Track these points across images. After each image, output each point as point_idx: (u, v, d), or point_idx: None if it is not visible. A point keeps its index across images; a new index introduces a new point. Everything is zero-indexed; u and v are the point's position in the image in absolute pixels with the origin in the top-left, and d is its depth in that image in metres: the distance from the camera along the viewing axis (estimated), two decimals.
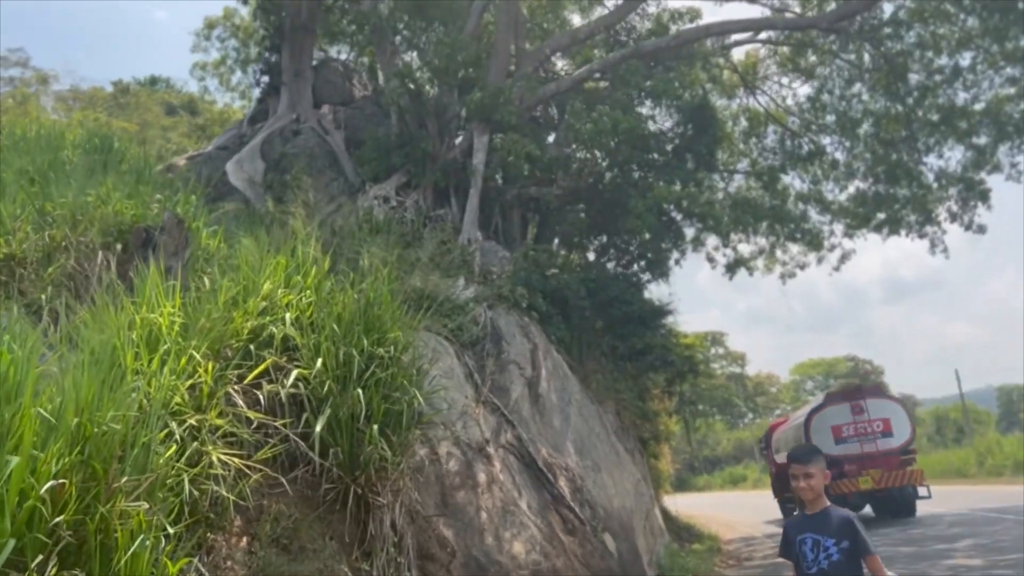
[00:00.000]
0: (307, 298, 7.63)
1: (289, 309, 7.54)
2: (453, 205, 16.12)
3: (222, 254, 9.59)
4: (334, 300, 7.85)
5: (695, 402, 35.75)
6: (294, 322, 7.47)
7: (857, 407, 19.22)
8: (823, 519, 4.33)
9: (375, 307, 7.83)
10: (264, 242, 8.35)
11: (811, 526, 4.36)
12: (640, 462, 21.51)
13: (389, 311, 7.87)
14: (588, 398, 14.72)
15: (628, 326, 16.82)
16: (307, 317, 7.57)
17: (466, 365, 11.33)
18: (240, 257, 8.13)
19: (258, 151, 17.36)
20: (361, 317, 7.72)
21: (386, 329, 7.71)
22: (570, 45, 18.84)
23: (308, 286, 7.86)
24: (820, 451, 4.63)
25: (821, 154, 21.79)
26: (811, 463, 4.42)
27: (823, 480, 4.39)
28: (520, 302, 13.58)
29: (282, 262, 7.98)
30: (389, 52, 16.53)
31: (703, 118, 18.15)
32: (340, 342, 7.37)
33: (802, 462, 4.44)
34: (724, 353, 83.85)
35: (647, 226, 15.98)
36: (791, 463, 4.42)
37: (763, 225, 20.36)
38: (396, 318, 7.96)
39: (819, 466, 4.41)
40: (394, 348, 7.59)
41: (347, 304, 7.76)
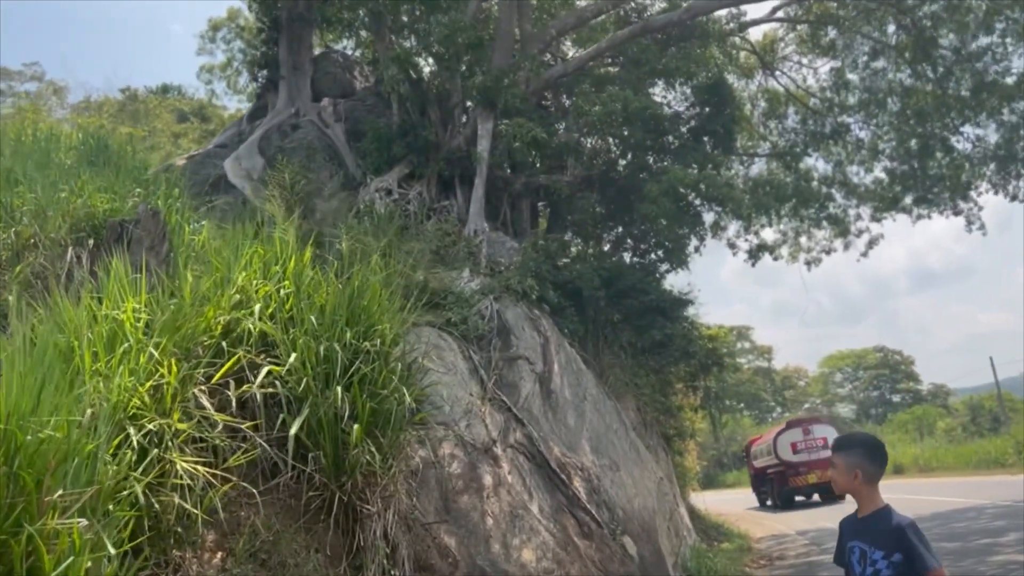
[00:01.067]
0: (286, 289, 7.04)
1: (267, 301, 6.97)
2: (458, 195, 15.53)
3: (206, 248, 9.05)
4: (317, 291, 7.27)
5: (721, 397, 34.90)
6: (271, 315, 6.91)
7: (807, 430, 29.17)
8: (872, 526, 3.52)
9: (361, 297, 7.23)
10: (240, 232, 7.78)
11: (859, 533, 3.58)
12: (664, 459, 20.81)
13: (377, 301, 7.26)
14: (605, 393, 14.05)
15: (646, 317, 16.12)
16: (286, 310, 7.00)
17: (471, 360, 10.72)
18: (211, 248, 7.59)
19: (256, 147, 16.88)
20: (345, 308, 7.14)
21: (373, 321, 7.12)
22: (577, 25, 18.15)
23: (287, 276, 7.27)
24: (859, 443, 3.68)
25: (845, 132, 20.95)
26: (838, 452, 3.69)
27: (854, 478, 3.57)
28: (529, 294, 12.95)
29: (259, 251, 7.42)
30: (388, 39, 15.97)
31: (719, 97, 17.40)
32: (321, 336, 6.80)
33: (833, 449, 3.75)
34: (750, 347, 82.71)
35: (663, 211, 15.28)
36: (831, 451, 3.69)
37: (786, 208, 19.56)
38: (385, 309, 7.35)
39: (847, 458, 3.60)
40: (381, 341, 6.99)
41: (330, 295, 7.18)
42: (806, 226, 25.14)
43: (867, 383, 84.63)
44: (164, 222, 8.63)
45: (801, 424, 29.51)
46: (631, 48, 17.01)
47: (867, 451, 3.60)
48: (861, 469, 3.55)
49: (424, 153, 15.58)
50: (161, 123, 47.03)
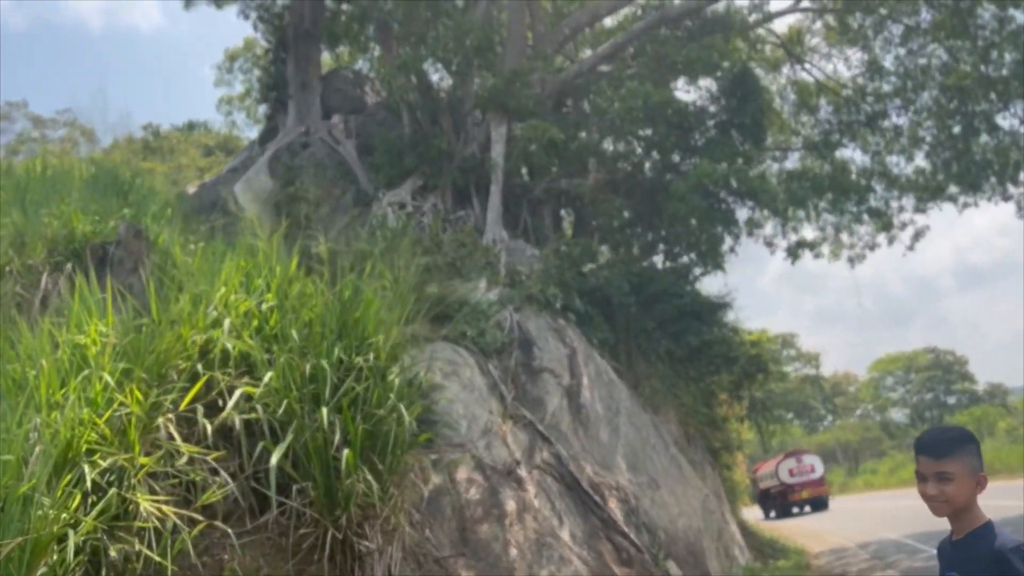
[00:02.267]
0: (268, 303, 6.39)
1: (247, 317, 6.32)
2: (475, 205, 14.88)
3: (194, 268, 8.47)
4: (305, 304, 6.61)
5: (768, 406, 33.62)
6: (256, 332, 6.26)
7: (799, 459, 36.66)
8: (966, 551, 2.58)
9: (352, 309, 6.55)
10: (223, 247, 7.18)
11: (953, 560, 2.63)
12: (711, 475, 19.80)
13: (371, 313, 6.57)
14: (640, 406, 13.19)
15: (681, 323, 15.24)
16: (270, 326, 6.34)
17: (490, 375, 9.98)
18: (189, 264, 6.98)
19: (265, 168, 16.42)
20: (335, 322, 6.46)
21: (367, 334, 6.42)
22: (591, 22, 17.50)
23: (273, 289, 6.62)
24: (968, 438, 2.65)
25: (881, 117, 19.89)
26: (948, 457, 2.59)
27: (976, 485, 2.59)
28: (553, 303, 12.20)
29: (242, 264, 6.78)
30: (395, 50, 15.44)
31: (745, 88, 16.55)
32: (308, 352, 6.12)
33: (933, 455, 2.62)
34: (796, 355, 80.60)
35: (692, 209, 14.46)
36: (918, 455, 2.60)
37: (824, 201, 18.53)
38: (381, 321, 6.65)
39: (966, 462, 2.58)
40: (376, 356, 6.29)
41: (317, 308, 6.51)
42: (847, 221, 23.99)
43: (920, 386, 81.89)
44: (147, 242, 8.08)
45: (795, 455, 37.49)
46: (649, 44, 16.28)
47: (978, 447, 2.63)
48: (977, 480, 2.58)
49: (437, 163, 14.98)
50: (187, 159, 47.32)
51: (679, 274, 15.79)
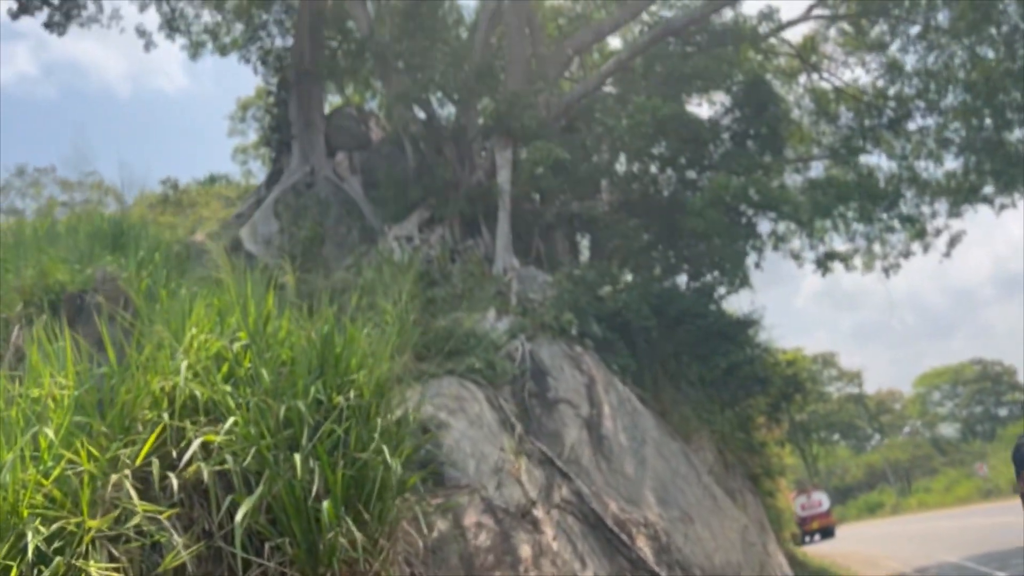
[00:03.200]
0: (241, 342, 5.91)
1: (218, 360, 5.85)
2: (484, 234, 14.42)
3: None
4: (282, 342, 6.13)
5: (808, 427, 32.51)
6: (226, 375, 5.78)
7: (809, 495, 41.17)
8: None
9: (332, 345, 6.05)
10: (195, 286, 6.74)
11: None
12: (753, 503, 18.87)
13: (353, 347, 6.06)
14: (669, 435, 12.50)
15: (707, 344, 14.55)
16: (244, 368, 5.86)
17: (500, 410, 9.40)
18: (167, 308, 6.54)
19: (271, 210, 16.16)
20: (315, 359, 5.97)
21: (349, 370, 5.92)
22: (595, 41, 17.14)
23: (250, 327, 6.15)
24: None
25: (906, 118, 19.18)
26: None
27: None
28: (568, 329, 11.64)
29: (215, 302, 6.33)
30: (395, 81, 15.19)
31: (759, 96, 16.03)
32: (284, 393, 5.62)
33: None
34: (838, 374, 78.76)
35: (711, 224, 13.87)
36: (1020, 469, 2.11)
37: (851, 209, 17.79)
38: (366, 355, 6.14)
39: None
40: (359, 394, 5.77)
41: (297, 345, 6.02)
42: (877, 230, 23.21)
43: (968, 399, 79.45)
44: (124, 288, 7.69)
45: (805, 492, 41.63)
46: (656, 58, 15.86)
47: None
48: None
49: (443, 194, 14.59)
50: (208, 211, 47.64)
51: (702, 293, 15.14)
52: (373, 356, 6.12)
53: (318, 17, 18.13)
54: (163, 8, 19.45)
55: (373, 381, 5.92)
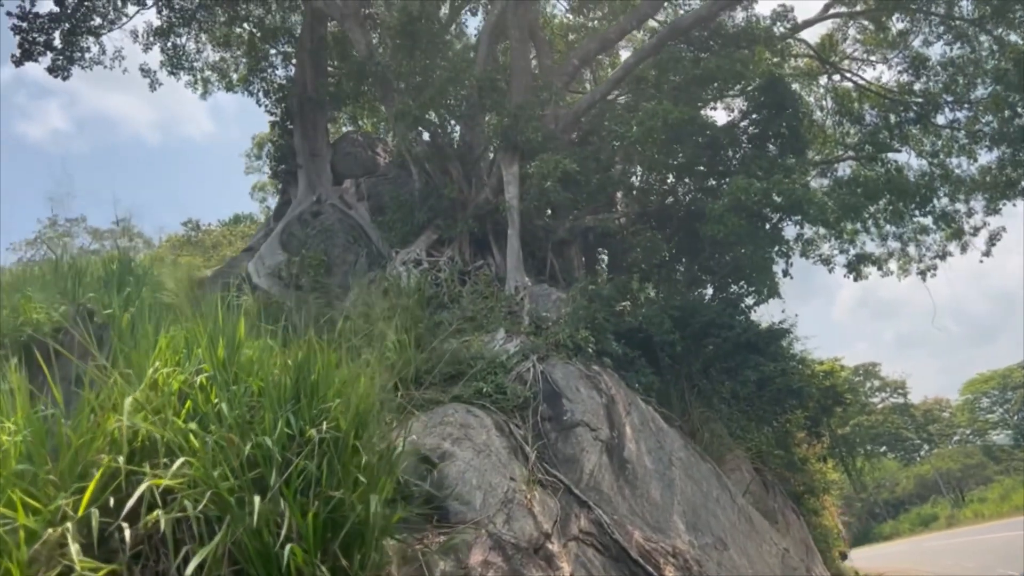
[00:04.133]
0: (206, 373, 5.43)
1: (182, 396, 5.37)
2: (494, 253, 13.93)
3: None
4: (254, 372, 5.63)
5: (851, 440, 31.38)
6: (190, 411, 5.29)
7: None
8: None
9: (308, 373, 5.54)
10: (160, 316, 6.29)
11: None
12: (796, 523, 17.96)
13: (330, 374, 5.54)
14: (698, 455, 11.79)
15: (735, 357, 13.84)
16: (212, 402, 5.37)
17: (511, 437, 8.81)
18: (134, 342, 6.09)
19: (277, 242, 15.82)
20: (289, 389, 5.46)
21: (325, 399, 5.40)
22: (601, 50, 16.66)
23: (218, 358, 5.66)
24: None
25: (934, 110, 18.39)
26: None
27: None
28: (584, 347, 11.02)
29: (180, 334, 5.86)
30: (397, 102, 14.82)
31: (776, 95, 15.39)
32: (254, 427, 5.12)
33: None
34: (880, 384, 76.73)
35: (732, 230, 13.22)
36: None
37: (881, 208, 17.04)
38: (345, 382, 5.61)
39: None
40: (335, 427, 5.24)
41: (268, 374, 5.52)
42: (911, 231, 22.35)
43: (1019, 404, 76.75)
44: (98, 325, 7.27)
45: None
46: (666, 63, 15.33)
47: None
48: None
49: (450, 214, 14.14)
50: (232, 250, 47.77)
51: (727, 304, 14.42)
52: (352, 383, 5.58)
53: (319, 44, 17.94)
54: (164, 45, 19.35)
55: (351, 411, 5.38)
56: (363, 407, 5.55)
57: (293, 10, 20.20)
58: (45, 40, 18.95)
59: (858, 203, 14.92)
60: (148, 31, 19.59)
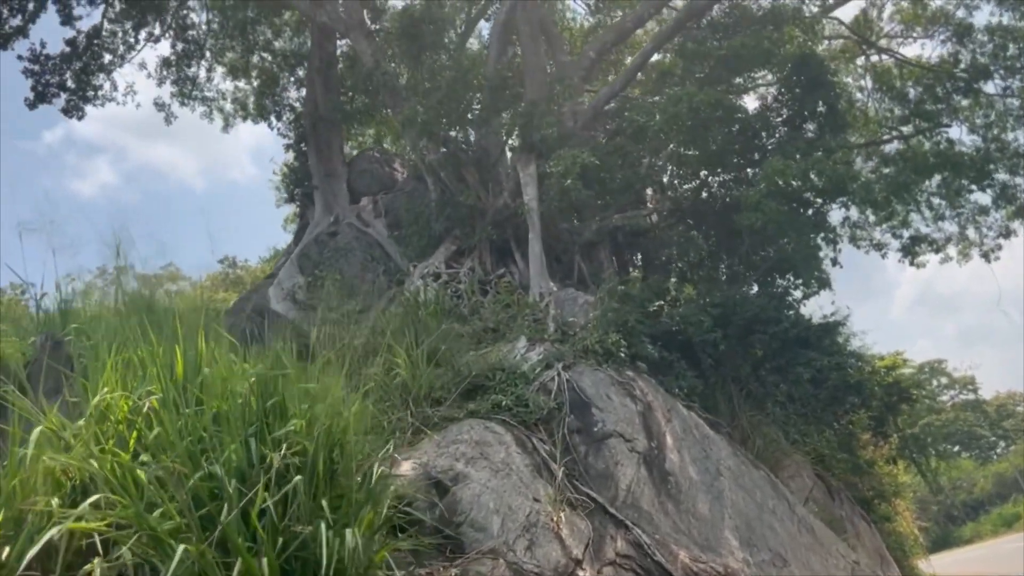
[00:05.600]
0: (155, 395, 4.77)
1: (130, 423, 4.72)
2: (517, 260, 13.22)
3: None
4: (216, 393, 4.96)
5: (922, 438, 29.62)
6: (138, 442, 4.64)
7: None
8: None
9: (272, 390, 4.85)
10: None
11: None
12: (868, 531, 16.72)
13: (296, 390, 4.85)
14: (749, 463, 10.83)
15: (785, 353, 12.85)
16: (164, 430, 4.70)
17: (534, 453, 8.02)
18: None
19: (296, 265, 15.35)
20: (253, 410, 4.78)
21: (288, 418, 4.70)
22: (618, 42, 15.89)
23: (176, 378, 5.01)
24: None
25: (983, 78, 17.16)
26: None
27: None
28: (615, 352, 10.19)
29: (133, 358, 5.22)
30: (404, 110, 14.24)
31: (809, 72, 14.44)
32: (208, 454, 4.44)
33: None
34: (948, 382, 73.67)
35: (771, 217, 12.31)
36: None
37: (934, 184, 15.85)
38: (315, 399, 4.91)
39: None
40: (299, 452, 4.53)
41: (232, 395, 4.85)
42: (968, 211, 20.99)
43: None
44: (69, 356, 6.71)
45: None
46: (687, 48, 14.52)
47: None
48: None
49: (469, 223, 13.49)
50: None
51: (772, 298, 13.42)
52: (323, 401, 4.87)
53: (329, 62, 17.54)
54: (174, 76, 19.19)
55: (321, 433, 4.67)
56: (337, 427, 4.83)
57: (301, 31, 19.89)
58: (58, 81, 18.94)
59: (908, 180, 13.87)
60: (159, 64, 19.48)
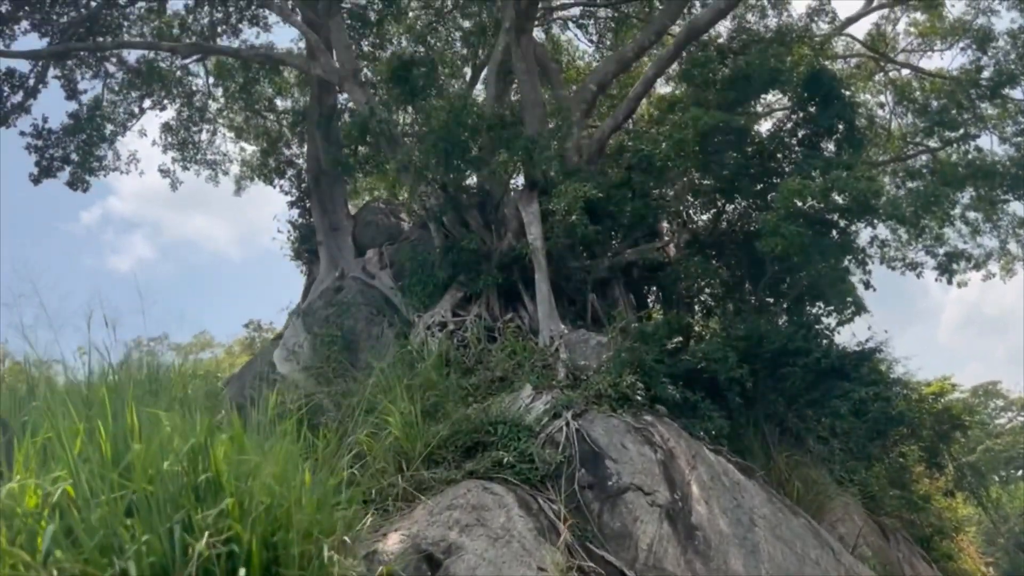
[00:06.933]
0: (63, 481, 4.17)
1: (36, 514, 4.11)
2: (526, 303, 12.57)
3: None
4: (141, 472, 4.35)
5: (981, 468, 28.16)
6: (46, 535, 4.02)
7: None
8: None
9: (209, 466, 4.23)
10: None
11: None
12: (928, 572, 15.56)
13: (227, 464, 4.22)
14: (788, 509, 9.92)
15: (820, 386, 11.97)
16: (77, 518, 4.09)
17: (539, 516, 7.26)
18: None
19: (300, 327, 14.83)
20: (189, 488, 4.16)
21: (222, 497, 4.06)
22: (619, 72, 15.40)
23: (103, 457, 4.41)
24: None
25: (1008, 83, 16.37)
26: None
27: None
28: (630, 396, 9.45)
29: (55, 433, 4.64)
30: (400, 155, 13.85)
31: (822, 88, 13.79)
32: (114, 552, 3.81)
33: None
34: (1005, 404, 70.92)
35: (791, 242, 11.56)
36: None
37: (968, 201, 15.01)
38: (253, 471, 4.27)
39: None
40: (232, 537, 3.88)
41: (164, 474, 4.24)
42: (1008, 224, 19.99)
43: None
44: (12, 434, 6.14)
45: None
46: (691, 73, 14.02)
47: None
48: None
49: (473, 268, 12.92)
50: None
51: (800, 327, 12.59)
52: (263, 475, 4.23)
53: (328, 115, 17.27)
54: (170, 140, 19.10)
55: (258, 514, 4.02)
56: (280, 506, 4.18)
57: (303, 88, 19.79)
58: (62, 155, 18.93)
59: (938, 193, 13.06)
60: (162, 130, 19.43)
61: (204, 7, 19.74)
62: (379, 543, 6.44)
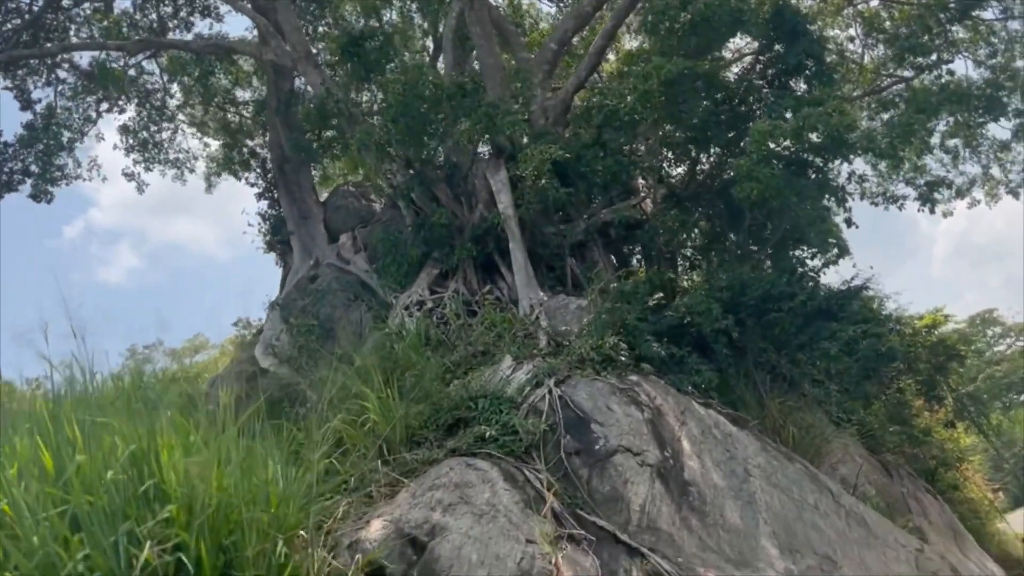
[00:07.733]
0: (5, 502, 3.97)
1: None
2: (504, 274, 12.34)
3: None
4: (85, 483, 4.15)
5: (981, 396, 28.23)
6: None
7: None
8: None
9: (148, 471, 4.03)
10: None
11: None
12: (935, 504, 15.53)
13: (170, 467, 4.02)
14: (783, 456, 9.79)
15: (807, 329, 11.78)
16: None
17: (525, 487, 7.11)
18: None
19: (278, 319, 14.62)
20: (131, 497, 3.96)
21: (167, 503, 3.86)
22: (579, 29, 15.07)
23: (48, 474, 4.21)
24: None
25: (981, 3, 16.05)
26: None
27: None
28: (614, 357, 9.28)
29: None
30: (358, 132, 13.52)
31: (787, 24, 13.49)
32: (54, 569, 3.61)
33: None
34: (1003, 331, 71.31)
35: (767, 185, 11.34)
36: None
37: (945, 128, 14.77)
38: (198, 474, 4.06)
39: None
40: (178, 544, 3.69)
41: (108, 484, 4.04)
42: (988, 149, 19.77)
43: None
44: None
45: None
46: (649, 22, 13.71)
47: None
48: None
49: (447, 243, 12.70)
50: None
51: (782, 271, 12.41)
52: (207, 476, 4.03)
53: (287, 101, 16.89)
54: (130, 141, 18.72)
55: (205, 518, 3.82)
56: (231, 507, 3.98)
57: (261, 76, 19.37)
58: (22, 167, 18.55)
59: (913, 122, 12.82)
60: (120, 133, 19.03)
61: (152, 2, 19.29)
62: (362, 531, 6.29)
